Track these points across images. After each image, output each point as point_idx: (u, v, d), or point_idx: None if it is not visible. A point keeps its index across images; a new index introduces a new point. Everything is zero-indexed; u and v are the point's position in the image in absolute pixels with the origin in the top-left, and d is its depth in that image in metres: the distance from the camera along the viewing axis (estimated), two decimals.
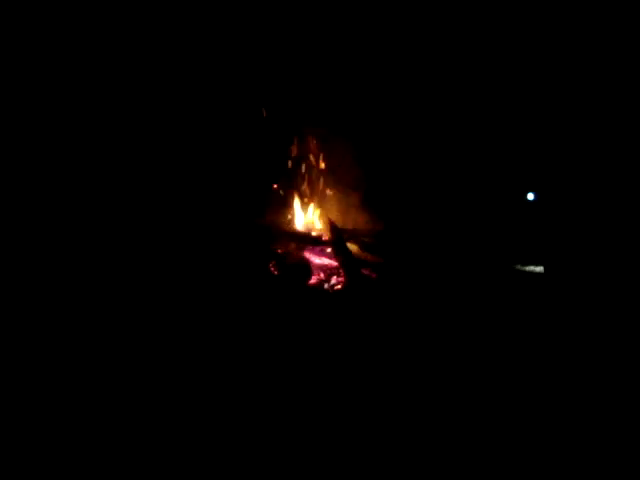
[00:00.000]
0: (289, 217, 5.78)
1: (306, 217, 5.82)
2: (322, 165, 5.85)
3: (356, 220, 5.79)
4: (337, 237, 5.36)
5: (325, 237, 5.52)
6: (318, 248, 5.38)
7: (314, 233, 5.67)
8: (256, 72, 5.47)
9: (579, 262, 4.72)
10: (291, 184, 5.80)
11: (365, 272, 5.09)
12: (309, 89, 5.55)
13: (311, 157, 5.82)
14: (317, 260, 5.28)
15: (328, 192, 5.85)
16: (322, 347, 3.85)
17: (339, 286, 4.93)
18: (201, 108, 5.39)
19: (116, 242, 4.69)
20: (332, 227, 5.48)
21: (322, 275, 5.06)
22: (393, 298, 4.60)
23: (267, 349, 3.79)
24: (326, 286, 4.93)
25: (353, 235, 5.54)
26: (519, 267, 5.07)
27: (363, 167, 5.76)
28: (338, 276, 5.04)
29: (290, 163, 5.79)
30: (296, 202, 5.78)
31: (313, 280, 4.99)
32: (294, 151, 5.79)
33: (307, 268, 5.06)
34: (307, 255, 5.30)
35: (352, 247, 5.36)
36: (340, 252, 5.19)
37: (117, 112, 5.10)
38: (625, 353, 3.70)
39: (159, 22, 5.16)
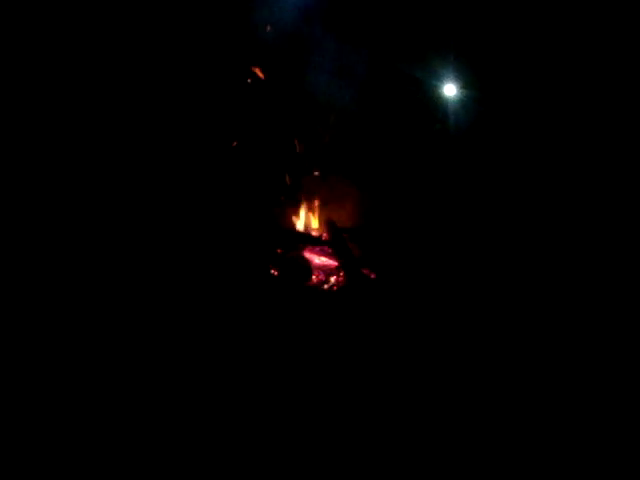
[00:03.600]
0: (289, 217, 5.78)
1: (306, 217, 5.82)
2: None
3: (355, 220, 5.80)
4: (337, 237, 5.37)
5: (325, 237, 5.52)
6: (318, 248, 5.38)
7: (314, 233, 5.67)
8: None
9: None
10: (292, 184, 5.80)
11: (365, 272, 5.09)
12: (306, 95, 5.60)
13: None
14: (317, 260, 5.28)
15: (328, 192, 5.86)
16: (322, 347, 3.86)
17: (339, 286, 4.93)
18: (204, 111, 5.41)
19: (117, 242, 4.69)
20: (332, 227, 5.49)
21: (322, 275, 5.07)
22: (392, 298, 4.61)
23: (267, 349, 3.80)
24: (326, 286, 4.94)
25: (353, 235, 5.55)
26: None
27: (362, 168, 5.78)
28: (338, 276, 5.04)
29: (291, 164, 5.81)
30: (297, 203, 5.79)
31: (313, 280, 4.99)
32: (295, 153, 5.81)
33: (307, 268, 5.06)
34: (307, 255, 5.31)
35: (352, 247, 5.37)
36: (340, 252, 5.19)
37: (120, 112, 5.10)
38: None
39: (165, 25, 5.17)
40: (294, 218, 5.79)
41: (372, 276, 5.10)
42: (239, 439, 2.98)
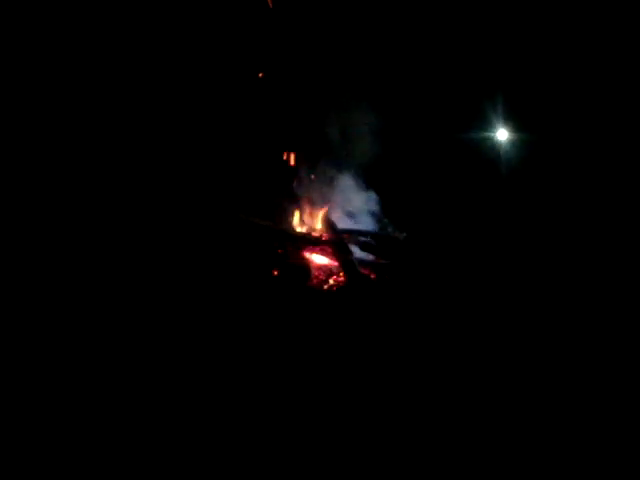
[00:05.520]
0: (290, 218, 5.79)
1: (306, 218, 5.84)
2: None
3: (355, 220, 5.82)
4: (337, 237, 5.37)
5: (325, 237, 5.52)
6: (318, 248, 5.38)
7: (314, 233, 5.68)
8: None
9: None
10: (292, 185, 5.82)
11: (365, 272, 5.10)
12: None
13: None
14: (317, 260, 5.29)
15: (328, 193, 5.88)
16: (322, 346, 3.86)
17: (339, 286, 4.93)
18: (207, 114, 5.46)
19: (118, 242, 4.69)
20: (332, 227, 5.49)
21: (322, 275, 5.07)
22: (392, 298, 4.61)
23: (268, 348, 3.80)
24: (326, 286, 4.94)
25: (353, 235, 5.55)
26: None
27: (362, 168, 5.82)
28: (338, 276, 5.05)
29: (292, 165, 5.83)
30: (297, 203, 5.81)
31: (313, 280, 4.99)
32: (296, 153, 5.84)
33: (307, 268, 5.07)
34: (307, 255, 5.31)
35: (352, 247, 5.38)
36: (340, 252, 5.20)
37: (118, 112, 5.10)
38: None
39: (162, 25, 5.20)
40: (294, 218, 5.80)
41: (372, 276, 5.11)
42: (239, 437, 2.98)
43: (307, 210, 5.87)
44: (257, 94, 5.60)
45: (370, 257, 5.39)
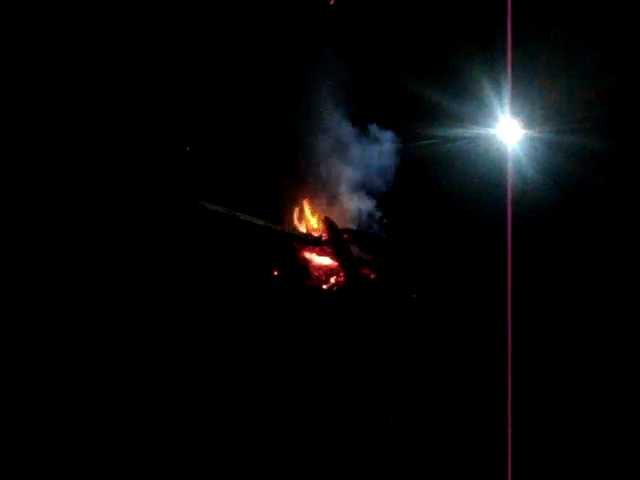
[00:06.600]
0: (290, 218, 5.80)
1: (307, 218, 5.84)
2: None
3: (355, 220, 5.83)
4: (337, 237, 5.38)
5: (325, 237, 5.53)
6: (318, 248, 5.39)
7: (314, 233, 5.68)
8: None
9: None
10: (293, 185, 5.83)
11: (365, 272, 5.11)
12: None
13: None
14: (317, 260, 5.29)
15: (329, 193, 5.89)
16: (322, 346, 3.87)
17: (339, 286, 4.94)
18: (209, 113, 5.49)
19: (116, 242, 4.69)
20: (332, 227, 5.50)
21: (322, 275, 5.07)
22: (392, 298, 4.62)
23: (268, 348, 3.80)
24: (326, 286, 4.94)
25: (353, 235, 5.56)
26: None
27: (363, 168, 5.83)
28: (338, 276, 5.05)
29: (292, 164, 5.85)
30: (298, 203, 5.82)
31: (313, 280, 5.00)
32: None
33: (307, 268, 5.07)
34: (307, 255, 5.31)
35: (352, 247, 5.38)
36: (340, 252, 5.20)
37: (118, 115, 5.11)
38: None
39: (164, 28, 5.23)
40: (295, 219, 5.81)
41: (372, 276, 5.11)
42: (239, 436, 2.98)
43: (307, 210, 5.88)
44: (257, 95, 5.61)
45: (370, 257, 5.39)
